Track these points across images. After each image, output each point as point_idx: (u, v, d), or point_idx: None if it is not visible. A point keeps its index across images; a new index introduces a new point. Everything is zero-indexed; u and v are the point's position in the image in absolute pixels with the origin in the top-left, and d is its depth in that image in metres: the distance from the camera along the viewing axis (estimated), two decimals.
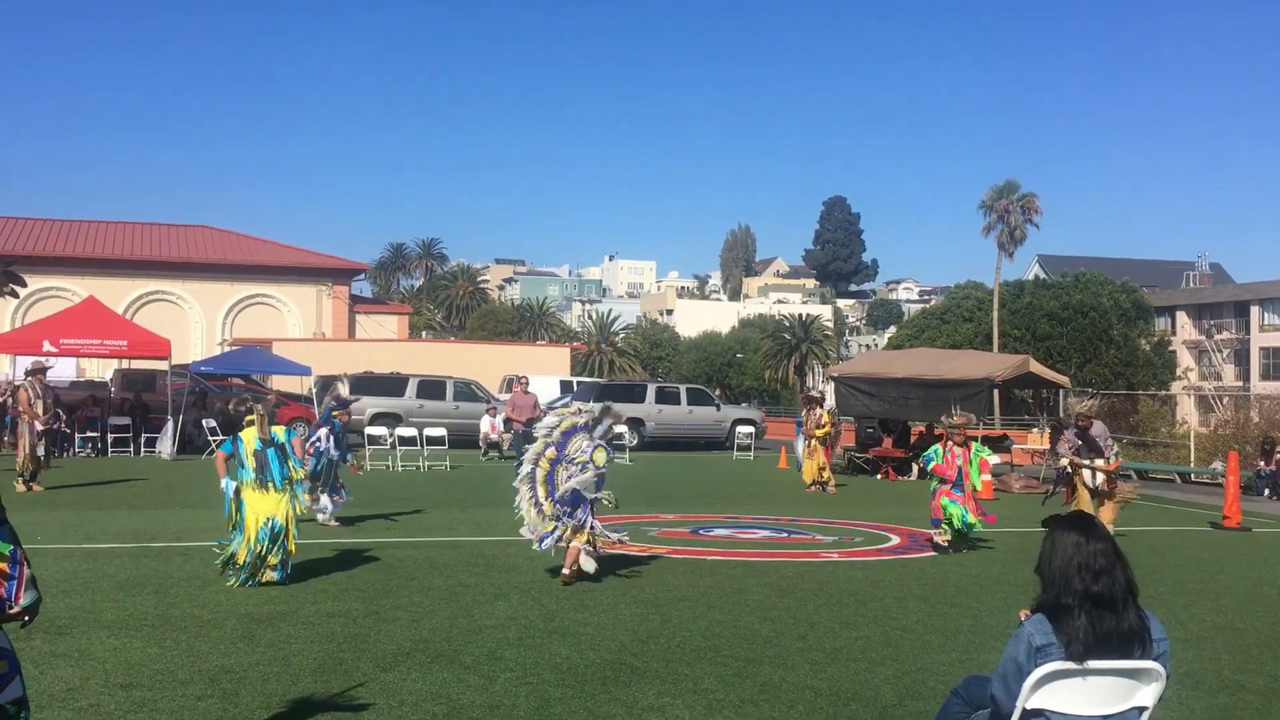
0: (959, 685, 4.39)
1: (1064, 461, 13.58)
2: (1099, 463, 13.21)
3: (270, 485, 9.28)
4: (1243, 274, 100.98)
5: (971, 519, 12.17)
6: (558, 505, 9.57)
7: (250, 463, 9.31)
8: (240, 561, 9.13)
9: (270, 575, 9.14)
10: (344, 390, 15.36)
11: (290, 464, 9.47)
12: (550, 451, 9.71)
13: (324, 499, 13.15)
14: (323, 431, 13.51)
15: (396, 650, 7.03)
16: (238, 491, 9.30)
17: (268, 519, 9.15)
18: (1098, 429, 13.61)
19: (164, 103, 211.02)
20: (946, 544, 12.18)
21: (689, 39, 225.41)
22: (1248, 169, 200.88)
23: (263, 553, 9.11)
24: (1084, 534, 3.89)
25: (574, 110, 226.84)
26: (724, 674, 6.68)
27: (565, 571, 9.56)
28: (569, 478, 9.55)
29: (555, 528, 9.58)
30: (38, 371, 17.45)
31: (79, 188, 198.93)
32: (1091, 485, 13.27)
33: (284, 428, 9.71)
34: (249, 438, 9.41)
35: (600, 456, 9.62)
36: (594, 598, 8.97)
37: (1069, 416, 14.56)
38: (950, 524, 12.13)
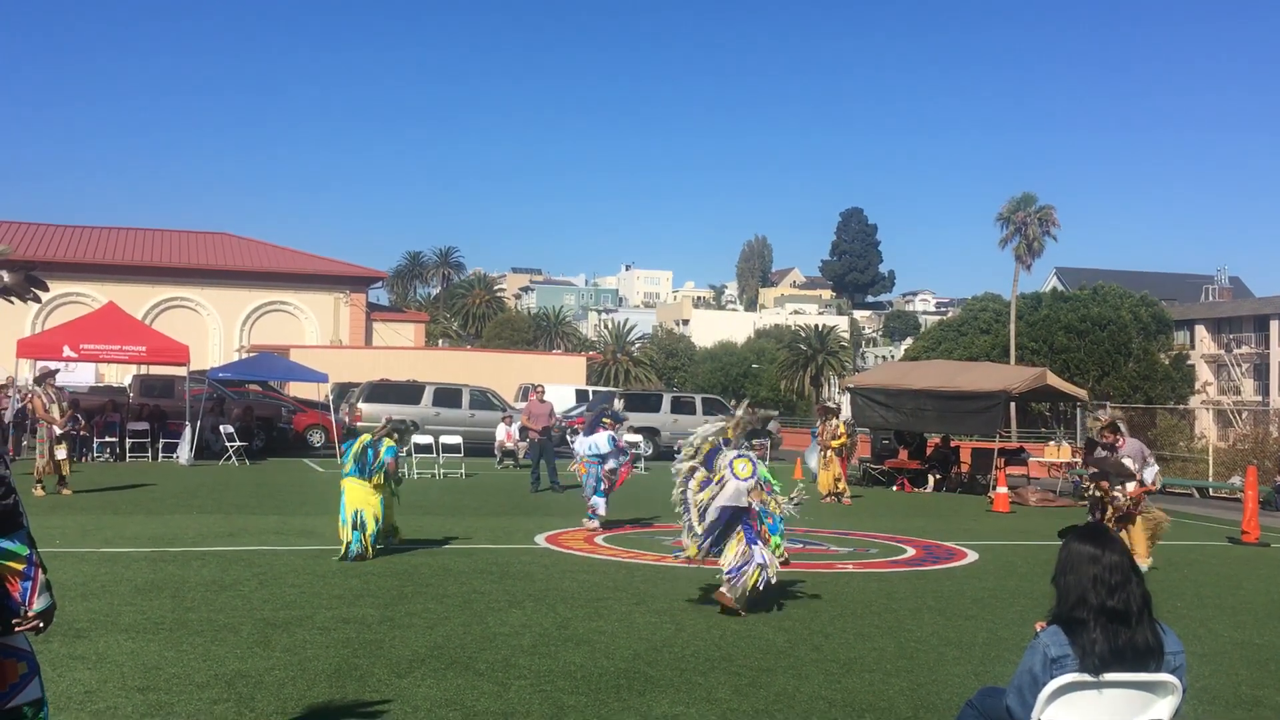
0: (974, 697, 4.37)
1: (1090, 486, 12.59)
2: (1130, 487, 12.13)
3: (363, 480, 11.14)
4: (1262, 288, 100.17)
5: None
6: (705, 536, 8.83)
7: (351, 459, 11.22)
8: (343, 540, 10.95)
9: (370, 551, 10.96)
10: (618, 405, 16.22)
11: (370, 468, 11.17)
12: (700, 473, 9.03)
13: (596, 500, 14.21)
14: (599, 439, 14.35)
15: (411, 656, 7.04)
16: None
17: (356, 509, 10.93)
18: (1131, 447, 12.39)
19: (184, 110, 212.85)
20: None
21: (706, 50, 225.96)
22: (1268, 182, 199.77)
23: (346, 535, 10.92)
24: (1099, 546, 3.88)
25: (592, 120, 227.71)
26: (738, 683, 6.67)
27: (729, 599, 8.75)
28: (713, 499, 8.78)
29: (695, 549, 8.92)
30: (47, 377, 17.65)
31: (100, 194, 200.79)
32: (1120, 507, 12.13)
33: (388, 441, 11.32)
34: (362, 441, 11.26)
35: (742, 467, 8.83)
36: (608, 606, 8.98)
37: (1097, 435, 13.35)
38: None
